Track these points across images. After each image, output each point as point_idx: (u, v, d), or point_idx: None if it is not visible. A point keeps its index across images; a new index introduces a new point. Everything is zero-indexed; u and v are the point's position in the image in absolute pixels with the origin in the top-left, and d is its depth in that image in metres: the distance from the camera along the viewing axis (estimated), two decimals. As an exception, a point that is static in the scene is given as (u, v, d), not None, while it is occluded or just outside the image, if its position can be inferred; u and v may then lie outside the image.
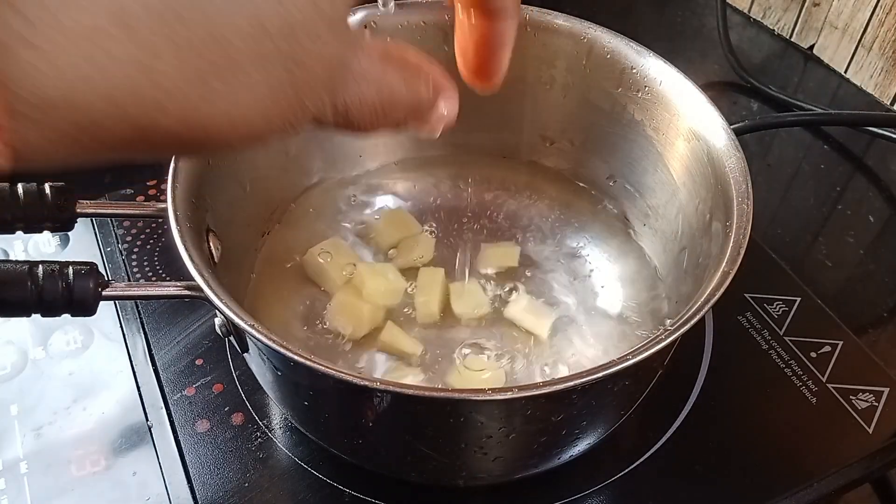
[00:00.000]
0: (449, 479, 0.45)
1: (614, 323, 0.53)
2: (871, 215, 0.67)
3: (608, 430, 0.46)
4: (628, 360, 0.36)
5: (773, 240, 0.63)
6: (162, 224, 0.52)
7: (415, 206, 0.60)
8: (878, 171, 0.71)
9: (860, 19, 0.76)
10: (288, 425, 0.49)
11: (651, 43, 0.53)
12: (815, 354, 0.54)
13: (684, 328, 0.38)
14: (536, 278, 0.55)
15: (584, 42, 0.54)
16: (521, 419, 0.39)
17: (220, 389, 0.51)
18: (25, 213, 0.42)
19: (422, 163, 0.62)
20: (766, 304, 0.57)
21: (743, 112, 0.77)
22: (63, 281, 0.38)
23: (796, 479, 0.48)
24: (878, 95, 0.77)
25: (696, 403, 0.51)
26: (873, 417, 0.51)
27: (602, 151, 0.58)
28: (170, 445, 0.48)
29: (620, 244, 0.57)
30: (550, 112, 0.59)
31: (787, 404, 0.52)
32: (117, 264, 0.58)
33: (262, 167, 0.53)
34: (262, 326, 0.37)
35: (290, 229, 0.57)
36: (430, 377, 0.50)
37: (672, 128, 0.51)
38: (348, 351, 0.51)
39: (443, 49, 0.57)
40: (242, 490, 0.46)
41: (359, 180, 0.61)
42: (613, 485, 0.47)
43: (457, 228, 0.59)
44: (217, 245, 0.46)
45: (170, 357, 0.53)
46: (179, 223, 0.41)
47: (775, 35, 0.86)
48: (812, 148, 0.73)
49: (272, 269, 0.54)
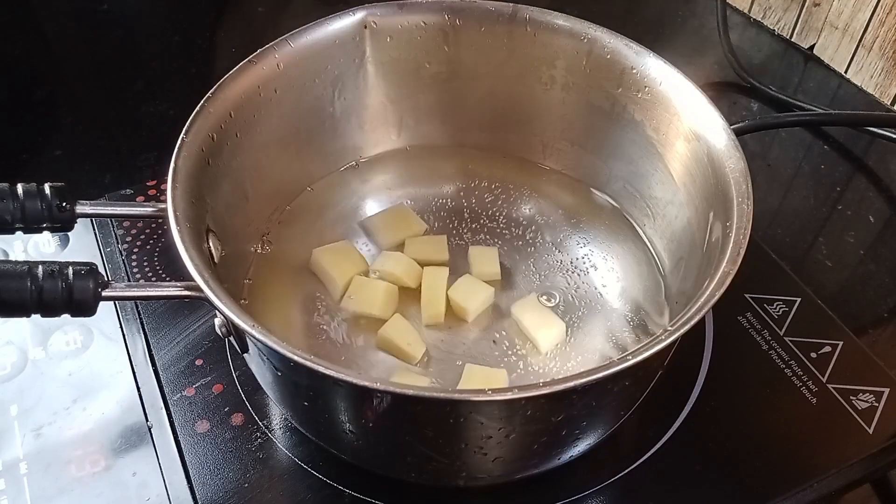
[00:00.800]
0: (449, 479, 0.45)
1: (614, 323, 0.53)
2: (871, 215, 0.67)
3: (608, 430, 0.46)
4: (628, 361, 0.36)
5: (773, 240, 0.63)
6: (162, 224, 0.52)
7: (415, 206, 0.60)
8: (878, 171, 0.71)
9: (860, 19, 0.76)
10: (288, 425, 0.49)
11: (651, 43, 0.53)
12: (815, 355, 0.54)
13: (684, 328, 0.38)
14: (536, 278, 0.55)
15: (584, 42, 0.54)
16: (522, 419, 0.39)
17: (219, 390, 0.51)
18: (25, 214, 0.42)
19: (422, 162, 0.62)
20: (766, 304, 0.57)
21: (743, 112, 0.77)
22: (63, 281, 0.38)
23: (796, 479, 0.48)
24: (879, 95, 0.77)
25: (696, 403, 0.51)
26: (873, 417, 0.51)
27: (602, 151, 0.58)
28: (170, 446, 0.48)
29: (620, 244, 0.57)
30: (550, 112, 0.59)
31: (787, 404, 0.52)
32: (117, 264, 0.58)
33: (263, 167, 0.53)
34: (262, 326, 0.37)
35: (290, 229, 0.57)
36: (431, 378, 0.50)
37: (672, 128, 0.51)
38: (349, 351, 0.51)
39: (443, 49, 0.58)
40: (242, 490, 0.46)
41: (359, 180, 0.61)
42: (613, 485, 0.47)
43: (457, 228, 0.59)
44: (217, 245, 0.46)
45: (170, 357, 0.53)
46: (179, 223, 0.41)
47: (775, 35, 0.86)
48: (812, 148, 0.73)
49: (272, 268, 0.54)
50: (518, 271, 0.56)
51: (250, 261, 0.54)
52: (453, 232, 0.58)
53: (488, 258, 0.55)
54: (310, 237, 0.56)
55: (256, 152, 0.52)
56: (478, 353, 0.51)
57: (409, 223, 0.58)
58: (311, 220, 0.58)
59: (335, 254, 0.54)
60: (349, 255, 0.55)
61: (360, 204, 0.60)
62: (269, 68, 0.51)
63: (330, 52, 0.54)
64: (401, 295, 0.54)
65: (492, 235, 0.58)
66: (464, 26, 0.56)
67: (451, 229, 0.59)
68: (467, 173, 0.62)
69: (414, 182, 0.61)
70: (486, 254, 0.56)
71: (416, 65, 0.58)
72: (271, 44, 0.52)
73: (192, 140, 0.46)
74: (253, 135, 0.51)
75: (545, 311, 0.52)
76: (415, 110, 0.60)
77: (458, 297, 0.52)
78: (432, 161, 0.62)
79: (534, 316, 0.52)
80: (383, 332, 0.50)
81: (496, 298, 0.54)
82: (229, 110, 0.49)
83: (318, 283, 0.55)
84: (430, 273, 0.54)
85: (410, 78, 0.58)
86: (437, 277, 0.53)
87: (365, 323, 0.52)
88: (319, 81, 0.55)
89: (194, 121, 0.46)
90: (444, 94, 0.60)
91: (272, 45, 0.52)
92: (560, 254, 0.57)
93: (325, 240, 0.56)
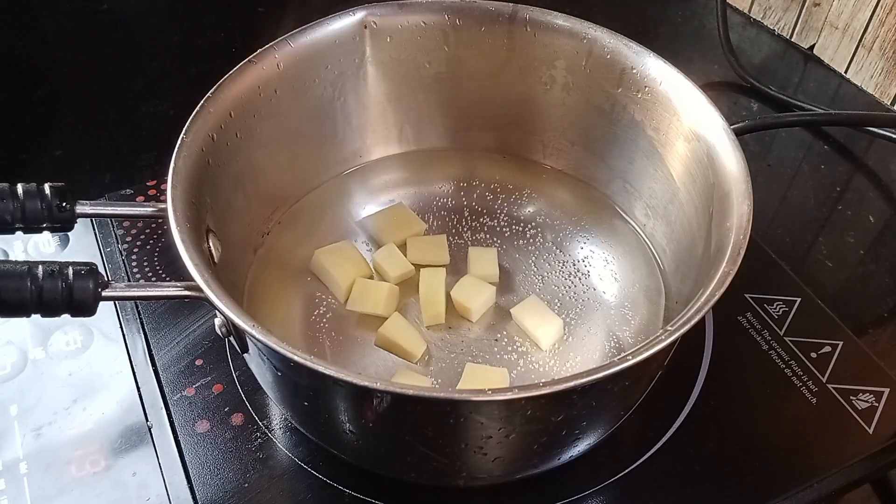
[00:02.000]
0: (449, 479, 0.45)
1: (613, 322, 0.53)
2: (871, 215, 0.67)
3: (608, 430, 0.46)
4: (628, 361, 0.36)
5: (773, 240, 0.63)
6: (162, 224, 0.52)
7: (415, 205, 0.60)
8: (878, 171, 0.71)
9: (860, 19, 0.76)
10: (288, 425, 0.49)
11: (651, 43, 0.53)
12: (815, 355, 0.54)
13: (684, 328, 0.38)
14: (536, 278, 0.55)
15: (585, 42, 0.54)
16: (521, 419, 0.39)
17: (219, 390, 0.51)
18: (25, 214, 0.42)
19: (422, 162, 0.62)
20: (766, 304, 0.57)
21: (743, 112, 0.77)
22: (63, 281, 0.38)
23: (796, 479, 0.48)
24: (879, 95, 0.77)
25: (696, 403, 0.51)
26: (873, 418, 0.51)
27: (602, 151, 0.58)
28: (170, 446, 0.48)
29: (620, 244, 0.57)
30: (550, 112, 0.59)
31: (788, 405, 0.52)
32: (117, 264, 0.58)
33: (263, 167, 0.53)
34: (262, 326, 0.37)
35: (290, 229, 0.57)
36: (432, 378, 0.50)
37: (672, 128, 0.51)
38: (349, 351, 0.51)
39: (443, 49, 0.57)
40: (242, 490, 0.46)
41: (358, 179, 0.61)
42: (613, 485, 0.47)
43: (457, 227, 0.59)
44: (217, 245, 0.46)
45: (170, 357, 0.53)
46: (179, 223, 0.41)
47: (775, 35, 0.86)
48: (812, 148, 0.73)
49: (272, 269, 0.54)
50: (518, 271, 0.56)
51: (250, 261, 0.54)
52: (453, 231, 0.58)
53: (487, 259, 0.55)
54: (310, 237, 0.56)
55: (256, 152, 0.52)
56: (478, 352, 0.51)
57: (408, 222, 0.58)
58: (311, 221, 0.58)
59: (336, 254, 0.54)
60: (350, 255, 0.55)
61: (360, 203, 0.60)
62: (269, 68, 0.51)
63: (330, 52, 0.54)
64: (401, 295, 0.54)
65: (492, 235, 0.58)
66: (464, 26, 0.56)
67: (450, 229, 0.59)
68: (467, 173, 0.62)
69: (414, 181, 0.61)
70: (485, 255, 0.56)
71: (416, 65, 0.58)
72: (271, 44, 0.52)
73: (192, 140, 0.45)
74: (253, 135, 0.51)
75: (545, 309, 0.52)
76: (415, 110, 0.60)
77: (461, 298, 0.52)
78: (432, 161, 0.62)
79: (534, 315, 0.52)
80: (383, 330, 0.51)
81: (496, 297, 0.54)
82: (229, 110, 0.49)
83: (318, 283, 0.55)
84: (428, 274, 0.54)
85: (410, 78, 0.58)
86: (435, 278, 0.54)
87: (365, 322, 0.52)
88: (319, 81, 0.55)
89: (194, 121, 0.46)
90: (444, 94, 0.60)
91: (272, 45, 0.52)
92: (560, 253, 0.57)
93: (325, 240, 0.56)
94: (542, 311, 0.52)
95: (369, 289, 0.53)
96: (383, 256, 0.55)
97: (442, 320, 0.53)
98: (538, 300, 0.53)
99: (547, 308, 0.53)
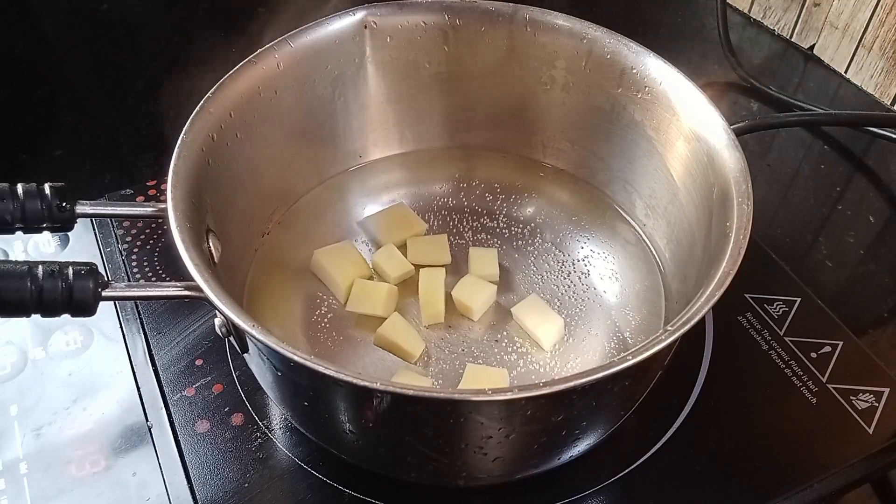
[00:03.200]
0: (449, 479, 0.45)
1: (614, 322, 0.53)
2: (871, 215, 0.67)
3: (608, 430, 0.46)
4: (628, 361, 0.36)
5: (773, 240, 0.63)
6: (162, 224, 0.52)
7: (415, 205, 0.60)
8: (878, 171, 0.71)
9: (860, 19, 0.76)
10: (288, 425, 0.49)
11: (651, 43, 0.53)
12: (815, 355, 0.54)
13: (684, 328, 0.38)
14: (536, 277, 0.55)
15: (585, 42, 0.54)
16: (521, 420, 0.39)
17: (219, 390, 0.51)
18: (25, 214, 0.42)
19: (422, 161, 0.62)
20: (766, 304, 0.57)
21: (743, 112, 0.77)
22: (63, 281, 0.38)
23: (796, 479, 0.48)
24: (879, 95, 0.77)
25: (696, 403, 0.51)
26: (873, 418, 0.51)
27: (602, 151, 0.58)
28: (170, 446, 0.48)
29: (620, 244, 0.57)
30: (550, 112, 0.59)
31: (788, 405, 0.52)
32: (117, 264, 0.58)
33: (263, 167, 0.53)
34: (262, 326, 0.37)
35: (290, 229, 0.57)
36: (432, 378, 0.50)
37: (672, 128, 0.51)
38: (349, 351, 0.51)
39: (443, 49, 0.57)
40: (242, 490, 0.46)
41: (358, 179, 0.61)
42: (613, 485, 0.47)
43: (457, 227, 0.59)
44: (217, 245, 0.46)
45: (170, 357, 0.53)
46: (179, 223, 0.41)
47: (775, 35, 0.86)
48: (812, 148, 0.73)
49: (272, 269, 0.54)
50: (518, 270, 0.56)
51: (250, 261, 0.54)
52: (453, 231, 0.58)
53: (487, 259, 0.55)
54: (310, 237, 0.56)
55: (256, 152, 0.52)
56: (479, 352, 0.51)
57: (408, 222, 0.58)
58: (311, 221, 0.58)
59: (336, 255, 0.54)
60: (350, 255, 0.55)
61: (360, 203, 0.60)
62: (269, 68, 0.51)
63: (330, 52, 0.54)
64: (401, 295, 0.54)
65: (492, 235, 0.58)
66: (464, 26, 0.56)
67: (451, 228, 0.59)
68: (467, 173, 0.62)
69: (414, 181, 0.61)
70: (486, 255, 0.56)
71: (416, 65, 0.58)
72: (271, 44, 0.52)
73: (192, 140, 0.46)
74: (253, 135, 0.51)
75: (546, 308, 0.52)
76: (415, 110, 0.60)
77: (463, 297, 0.52)
78: (432, 160, 0.62)
79: (535, 314, 0.52)
80: (382, 330, 0.51)
81: (497, 297, 0.54)
82: (229, 110, 0.49)
83: (318, 283, 0.55)
84: (427, 274, 0.54)
85: (410, 78, 0.58)
86: (434, 278, 0.54)
87: (365, 322, 0.52)
88: (319, 81, 0.55)
89: (194, 121, 0.46)
90: (444, 94, 0.60)
91: (272, 45, 0.52)
92: (560, 253, 0.57)
93: (325, 240, 0.56)
94: (543, 310, 0.52)
95: (368, 289, 0.53)
96: (383, 257, 0.55)
97: (441, 319, 0.53)
98: (539, 299, 0.53)
99: (548, 307, 0.53)
